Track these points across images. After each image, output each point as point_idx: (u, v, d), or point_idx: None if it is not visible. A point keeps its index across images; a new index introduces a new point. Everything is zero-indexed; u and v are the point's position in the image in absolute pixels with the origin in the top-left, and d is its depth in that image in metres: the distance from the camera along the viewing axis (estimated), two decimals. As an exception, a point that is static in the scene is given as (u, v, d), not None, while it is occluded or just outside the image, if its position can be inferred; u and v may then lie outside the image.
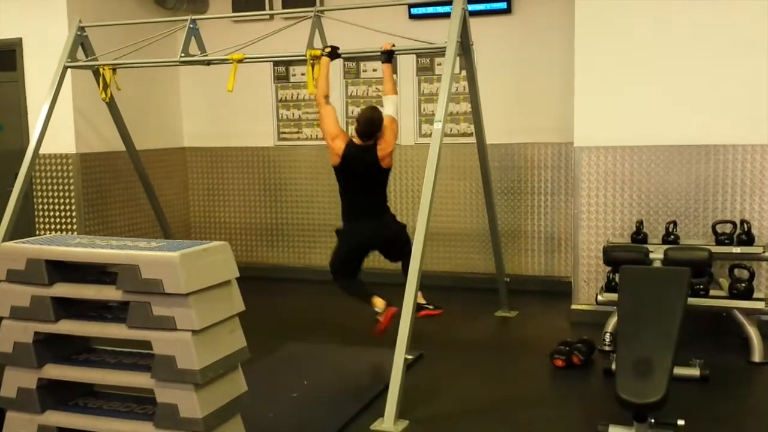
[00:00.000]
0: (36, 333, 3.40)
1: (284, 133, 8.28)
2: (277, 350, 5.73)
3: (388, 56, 5.58)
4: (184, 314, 3.19)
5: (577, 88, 6.20)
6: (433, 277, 7.04)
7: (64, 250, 3.38)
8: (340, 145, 5.47)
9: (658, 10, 5.93)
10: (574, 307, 6.41)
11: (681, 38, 5.90)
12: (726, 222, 5.67)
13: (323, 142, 7.97)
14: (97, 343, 3.73)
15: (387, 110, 5.58)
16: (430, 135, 7.35)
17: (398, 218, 5.95)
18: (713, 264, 5.28)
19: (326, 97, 5.58)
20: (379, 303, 5.49)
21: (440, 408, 4.63)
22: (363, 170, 5.52)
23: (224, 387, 3.39)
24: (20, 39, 7.29)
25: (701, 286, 5.26)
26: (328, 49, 5.64)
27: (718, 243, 5.53)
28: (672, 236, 5.65)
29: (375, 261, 6.05)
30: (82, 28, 6.44)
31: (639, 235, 5.75)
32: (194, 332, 3.19)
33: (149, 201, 7.53)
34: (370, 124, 5.48)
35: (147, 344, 3.28)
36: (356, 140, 5.51)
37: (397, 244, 5.66)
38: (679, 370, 4.58)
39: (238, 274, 3.49)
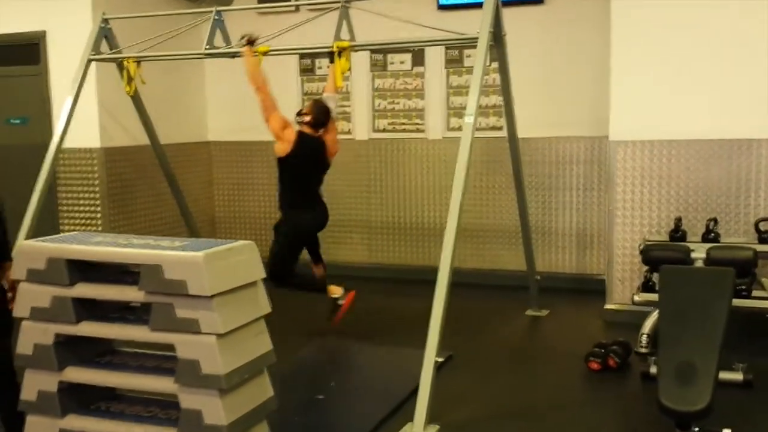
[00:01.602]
0: (57, 335, 3.29)
1: (310, 126, 8.13)
2: (304, 350, 5.61)
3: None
4: (208, 317, 3.07)
5: (613, 80, 6.00)
6: (462, 274, 6.86)
7: (85, 249, 3.27)
8: (291, 134, 5.60)
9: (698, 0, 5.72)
10: (607, 306, 6.22)
11: (722, 28, 5.68)
12: (769, 219, 5.46)
13: (349, 137, 7.95)
14: (120, 344, 3.62)
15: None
16: (458, 129, 7.23)
17: (422, 215, 5.89)
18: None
19: (265, 84, 5.64)
20: (337, 290, 5.81)
21: (471, 412, 4.48)
22: (313, 159, 5.73)
23: (250, 392, 3.27)
24: (44, 32, 7.21)
25: (743, 287, 5.05)
26: (245, 39, 5.68)
27: (761, 241, 5.31)
28: (712, 234, 5.43)
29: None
30: (106, 21, 6.33)
31: (678, 233, 5.54)
32: (219, 336, 3.07)
33: (174, 196, 7.43)
34: (326, 113, 5.71)
35: (171, 347, 3.17)
36: (307, 130, 5.69)
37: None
38: (721, 375, 4.38)
39: (264, 275, 3.37)
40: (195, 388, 3.11)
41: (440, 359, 4.31)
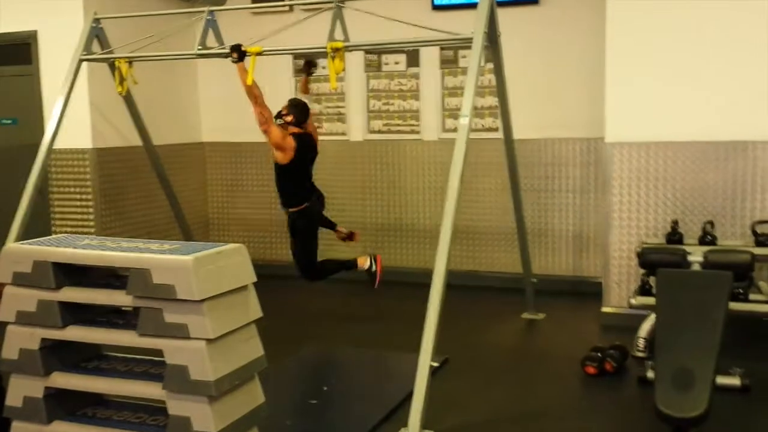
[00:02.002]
0: (43, 339, 3.23)
1: (304, 127, 8.07)
2: (297, 353, 5.54)
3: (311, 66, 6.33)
4: (197, 322, 3.01)
5: (609, 81, 5.95)
6: (457, 277, 6.83)
7: (72, 252, 3.20)
8: (291, 141, 5.88)
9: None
10: (604, 309, 6.16)
11: (718, 29, 5.63)
12: (766, 222, 5.40)
13: (344, 138, 7.89)
14: (108, 348, 3.55)
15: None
16: (454, 130, 7.17)
17: (418, 217, 6.32)
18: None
19: (262, 97, 5.85)
20: (364, 260, 6.31)
21: (467, 417, 4.42)
22: (311, 153, 6.13)
23: (240, 398, 3.21)
24: (35, 31, 7.14)
25: (741, 290, 5.00)
26: (235, 55, 5.66)
27: (758, 244, 5.26)
28: (709, 237, 5.38)
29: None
30: (97, 20, 6.25)
31: (674, 236, 5.49)
32: (208, 341, 3.01)
33: (167, 197, 7.36)
34: (304, 110, 6.06)
35: (160, 352, 3.11)
36: (295, 129, 5.99)
37: None
38: (718, 380, 4.32)
39: (255, 279, 3.31)
40: (183, 395, 3.05)
41: (435, 363, 4.26)
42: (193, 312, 3.00)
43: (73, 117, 6.47)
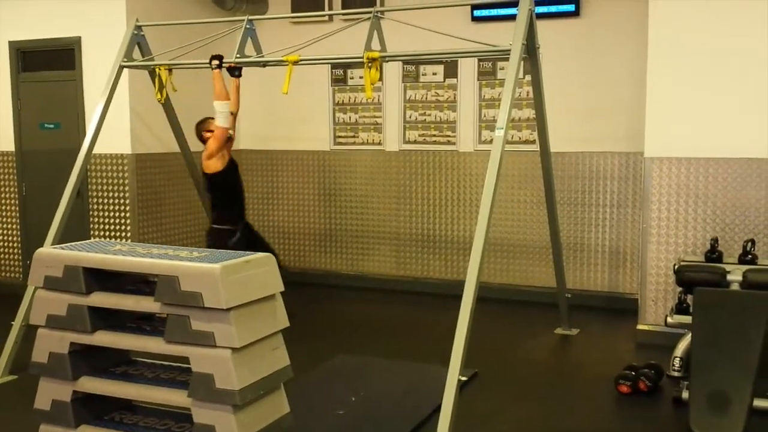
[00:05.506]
0: (72, 344, 3.26)
1: (340, 137, 8.09)
2: (326, 362, 5.53)
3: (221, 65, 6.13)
4: (224, 330, 3.01)
5: (650, 95, 5.85)
6: (490, 290, 6.80)
7: (102, 258, 3.23)
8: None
9: (739, 11, 5.55)
10: (639, 327, 6.05)
11: (763, 44, 5.50)
12: (810, 242, 5.27)
13: (380, 147, 7.88)
14: (137, 353, 3.57)
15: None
16: (490, 142, 7.13)
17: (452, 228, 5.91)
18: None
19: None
20: None
21: (495, 433, 4.36)
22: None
23: (265, 408, 3.20)
24: (79, 38, 7.26)
25: (781, 311, 4.86)
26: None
27: (801, 264, 5.11)
28: (749, 256, 5.24)
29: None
30: (139, 28, 6.34)
31: (713, 254, 5.36)
32: (234, 350, 3.01)
33: (202, 204, 7.42)
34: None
35: (187, 359, 3.11)
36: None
37: None
38: (755, 403, 4.20)
39: (282, 288, 3.30)
40: (208, 403, 3.05)
41: (464, 377, 4.20)
42: (219, 320, 3.00)
43: (113, 122, 6.55)
